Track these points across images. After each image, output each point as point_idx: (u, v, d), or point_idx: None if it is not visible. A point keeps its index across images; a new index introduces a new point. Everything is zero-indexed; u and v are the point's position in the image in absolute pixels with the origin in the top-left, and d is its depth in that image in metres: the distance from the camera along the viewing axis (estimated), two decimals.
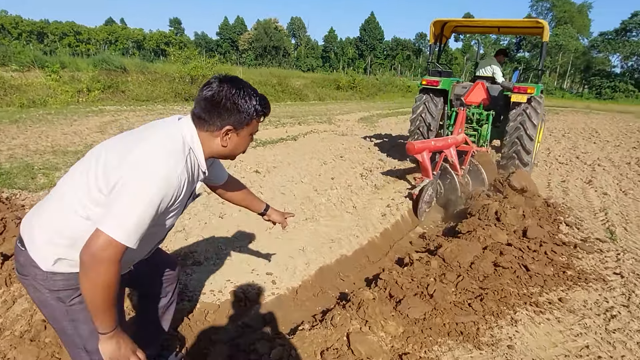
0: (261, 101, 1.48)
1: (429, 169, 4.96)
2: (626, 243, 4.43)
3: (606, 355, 2.51)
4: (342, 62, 62.21)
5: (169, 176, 1.30)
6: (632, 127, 18.59)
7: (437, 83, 6.75)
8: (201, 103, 1.42)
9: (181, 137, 1.41)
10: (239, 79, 1.47)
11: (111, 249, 1.22)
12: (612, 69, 50.44)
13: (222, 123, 1.43)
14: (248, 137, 1.53)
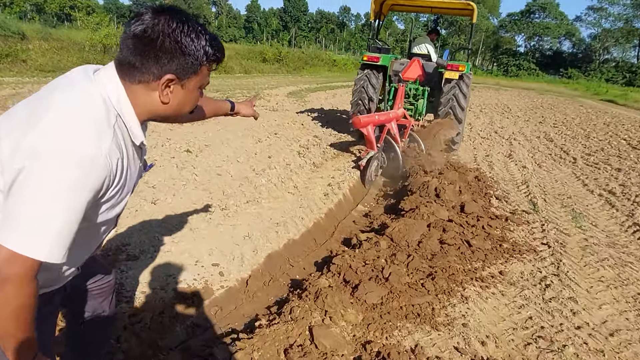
0: (212, 41, 1.08)
1: (373, 141, 5.20)
2: (547, 214, 4.79)
3: (547, 325, 2.66)
4: (266, 34, 60.50)
5: (92, 158, 0.94)
6: (535, 102, 20.36)
7: (377, 59, 6.92)
8: (128, 43, 1.01)
9: (101, 99, 1.01)
10: (180, 9, 1.07)
11: (20, 267, 0.89)
12: (518, 48, 54.60)
13: (160, 70, 1.03)
14: (196, 91, 1.13)
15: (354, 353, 2.17)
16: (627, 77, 48.76)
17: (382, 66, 7.08)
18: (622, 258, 3.78)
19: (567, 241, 4.04)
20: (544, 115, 14.79)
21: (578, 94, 32.11)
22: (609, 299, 3.07)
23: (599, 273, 3.46)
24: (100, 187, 0.99)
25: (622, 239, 4.27)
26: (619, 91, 34.40)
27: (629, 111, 20.08)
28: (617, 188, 5.95)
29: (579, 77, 49.24)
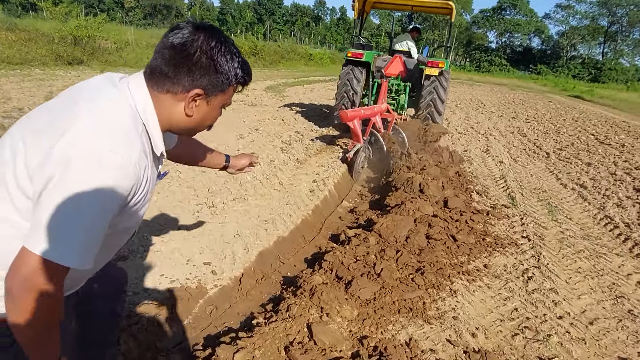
0: (243, 65, 1.12)
1: (360, 135, 5.42)
2: (525, 208, 4.96)
3: (532, 315, 2.78)
4: (240, 27, 59.65)
5: (123, 167, 0.95)
6: (508, 98, 20.91)
7: (361, 55, 7.20)
8: (165, 53, 1.04)
9: (129, 108, 1.02)
10: (218, 29, 1.10)
11: (48, 274, 0.90)
12: (489, 44, 55.75)
13: (191, 84, 1.05)
14: (219, 109, 1.18)
15: (351, 348, 2.21)
16: (592, 73, 50.61)
17: (366, 62, 7.32)
18: (596, 250, 3.96)
19: (545, 234, 4.21)
20: (516, 110, 15.21)
21: (547, 90, 33.12)
22: (587, 289, 3.22)
23: (576, 264, 3.62)
24: (127, 195, 1.00)
25: (595, 231, 4.47)
26: (585, 87, 35.70)
27: (595, 107, 20.89)
28: (588, 182, 6.21)
29: (547, 73, 50.78)
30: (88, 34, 12.91)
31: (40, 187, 0.91)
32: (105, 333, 1.64)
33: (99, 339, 1.62)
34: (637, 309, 3.00)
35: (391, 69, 7.21)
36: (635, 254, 3.95)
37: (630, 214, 4.99)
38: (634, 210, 5.12)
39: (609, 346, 2.55)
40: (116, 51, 14.61)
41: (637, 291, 3.28)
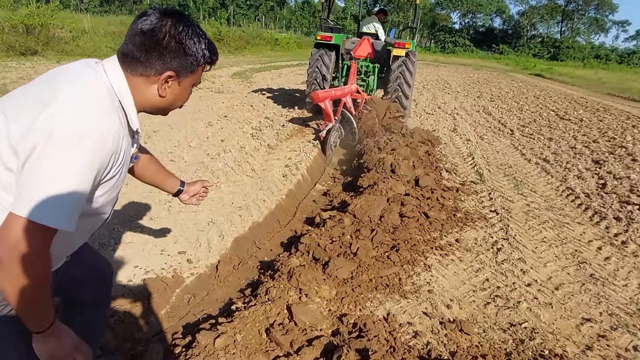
0: (210, 46, 1.21)
1: (331, 114, 5.68)
2: (492, 183, 5.12)
3: (502, 284, 2.90)
4: (203, 12, 57.96)
5: (103, 137, 1.01)
6: (472, 78, 21.32)
7: (330, 38, 7.30)
8: (136, 39, 1.10)
9: (105, 86, 1.09)
10: (184, 14, 1.18)
11: (36, 237, 0.96)
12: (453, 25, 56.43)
13: (162, 67, 1.13)
14: (190, 89, 1.26)
15: (332, 326, 2.25)
16: (551, 52, 52.17)
17: (335, 45, 7.42)
18: (559, 220, 4.15)
19: (512, 207, 4.36)
20: (481, 90, 15.55)
21: (509, 69, 33.97)
22: (552, 257, 3.38)
23: (541, 234, 3.78)
24: (107, 164, 1.06)
25: (558, 202, 4.67)
26: (545, 65, 36.80)
27: (555, 84, 21.62)
28: (551, 156, 6.46)
29: (509, 52, 52.01)
30: (41, 22, 12.22)
31: (25, 156, 0.96)
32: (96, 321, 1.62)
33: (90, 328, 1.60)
34: (598, 273, 3.17)
35: (359, 51, 7.35)
36: (595, 222, 4.16)
37: (590, 184, 5.23)
38: (592, 181, 5.37)
39: (574, 308, 2.69)
40: (72, 40, 13.93)
41: (598, 257, 3.46)
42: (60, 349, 1.10)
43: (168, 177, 1.81)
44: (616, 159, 6.39)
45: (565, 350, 2.27)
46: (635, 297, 2.89)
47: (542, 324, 2.51)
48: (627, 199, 4.67)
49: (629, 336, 2.45)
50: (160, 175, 1.78)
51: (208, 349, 1.87)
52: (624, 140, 7.71)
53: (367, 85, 7.52)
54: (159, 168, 1.77)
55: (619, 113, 11.43)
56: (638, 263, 3.38)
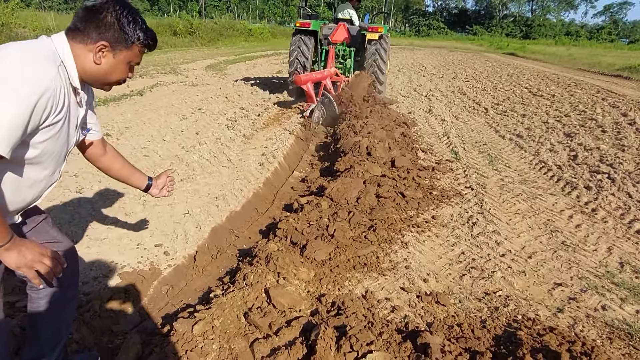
0: (147, 31, 1.38)
1: (313, 96, 6.34)
2: (467, 160, 5.20)
3: (477, 256, 2.97)
4: (173, 5, 56.72)
5: (41, 77, 1.15)
6: (447, 59, 21.47)
7: (308, 25, 7.80)
8: (79, 13, 1.31)
9: (49, 47, 1.26)
10: (130, 4, 1.36)
11: None
12: (427, 8, 56.57)
13: (98, 36, 1.30)
14: (125, 65, 1.39)
15: (310, 307, 2.28)
16: (523, 30, 52.82)
17: (313, 31, 7.95)
18: (532, 192, 4.25)
19: (487, 183, 4.45)
20: (456, 71, 15.69)
21: (483, 49, 34.29)
22: (525, 228, 3.47)
23: (515, 207, 3.87)
24: (44, 106, 1.16)
25: (531, 175, 4.77)
26: (518, 44, 37.27)
27: (528, 62, 21.93)
28: (524, 132, 6.58)
29: (482, 33, 52.45)
30: (1, 21, 11.79)
31: None
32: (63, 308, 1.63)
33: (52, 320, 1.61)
34: (569, 240, 3.27)
35: (336, 36, 7.79)
36: (566, 192, 4.27)
37: (562, 157, 5.36)
38: (564, 153, 5.50)
39: (546, 275, 2.78)
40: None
41: (569, 225, 3.57)
42: (22, 259, 1.20)
43: (135, 172, 1.90)
44: (587, 131, 6.55)
45: (538, 314, 2.35)
46: (604, 260, 2.99)
47: (516, 291, 2.58)
48: (597, 169, 4.80)
49: (597, 297, 2.54)
50: (127, 169, 1.86)
51: (186, 336, 1.88)
52: (594, 113, 7.89)
53: (345, 67, 8.05)
54: (125, 162, 1.85)
55: (589, 87, 11.68)
56: (607, 229, 3.50)
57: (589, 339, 2.13)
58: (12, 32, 12.69)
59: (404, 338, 2.00)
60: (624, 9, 70.56)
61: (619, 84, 12.93)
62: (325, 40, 8.15)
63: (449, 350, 1.91)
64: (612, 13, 71.26)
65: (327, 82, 6.66)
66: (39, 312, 1.60)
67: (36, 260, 1.21)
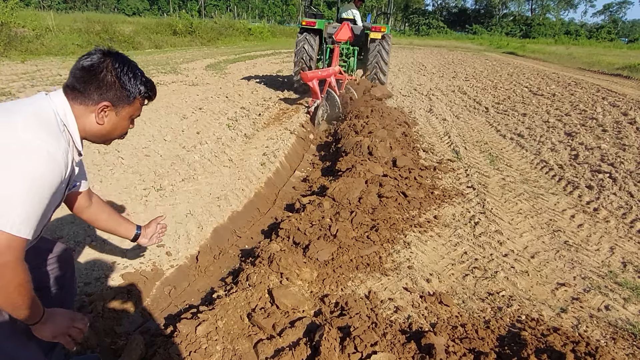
0: (147, 83, 1.38)
1: (318, 92, 6.58)
2: (469, 160, 5.20)
3: (480, 256, 2.96)
4: (173, 4, 56.67)
5: (54, 153, 1.14)
6: (447, 59, 21.47)
7: (314, 24, 8.18)
8: (76, 73, 1.28)
9: (53, 112, 1.24)
10: (124, 55, 1.35)
11: (15, 246, 1.07)
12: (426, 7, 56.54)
13: (99, 97, 1.29)
14: (127, 120, 1.41)
15: (314, 307, 2.27)
16: (523, 29, 52.80)
17: (318, 30, 8.32)
18: (534, 191, 4.24)
19: (488, 182, 4.44)
20: (456, 70, 15.68)
21: (483, 49, 34.27)
22: (528, 227, 3.46)
23: (517, 207, 3.86)
24: (60, 180, 1.17)
25: (533, 175, 4.77)
26: (517, 43, 37.26)
27: (527, 61, 21.93)
28: (525, 131, 6.57)
29: (482, 32, 52.43)
30: (1, 20, 11.76)
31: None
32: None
33: None
34: (572, 240, 3.27)
35: (341, 35, 7.99)
36: (568, 191, 4.27)
37: (563, 156, 5.35)
38: (565, 152, 5.50)
39: (549, 275, 2.77)
40: (36, 38, 13.46)
41: (572, 224, 3.56)
42: (57, 328, 1.27)
43: (122, 222, 1.89)
44: (587, 131, 6.55)
45: (542, 315, 2.34)
46: (607, 260, 2.99)
47: (519, 291, 2.58)
48: (598, 168, 4.80)
49: (601, 297, 2.54)
50: (113, 220, 1.85)
51: (190, 337, 1.87)
52: (595, 112, 7.89)
53: (348, 65, 8.32)
54: (111, 212, 1.86)
55: (590, 86, 11.68)
56: (609, 228, 3.50)
57: (593, 339, 2.12)
58: (11, 32, 12.67)
59: (408, 338, 1.99)
60: (623, 8, 70.62)
61: (618, 83, 12.94)
62: (329, 39, 8.41)
63: (453, 351, 1.91)
64: (612, 12, 71.28)
65: (332, 80, 6.92)
66: None
67: (70, 326, 1.30)
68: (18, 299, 1.11)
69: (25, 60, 11.08)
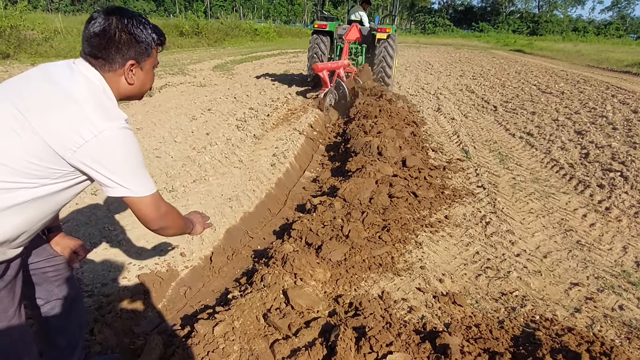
0: (155, 29, 1.38)
1: (327, 81, 7.48)
2: (478, 159, 5.19)
3: (492, 256, 2.96)
4: (179, 5, 56.94)
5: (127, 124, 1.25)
6: (454, 57, 21.37)
7: (325, 26, 9.11)
8: (92, 41, 1.26)
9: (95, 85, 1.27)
10: (126, 8, 1.34)
11: (158, 200, 1.34)
12: (432, 6, 56.30)
13: (123, 58, 1.30)
14: (152, 71, 1.43)
15: (328, 307, 2.29)
16: (530, 27, 52.40)
17: (329, 31, 9.23)
18: (545, 190, 4.23)
19: (498, 182, 4.43)
20: (463, 68, 15.61)
21: (490, 46, 34.07)
22: (539, 227, 3.46)
23: (528, 206, 3.86)
24: None
25: (543, 174, 4.75)
26: (525, 41, 37.01)
27: (535, 58, 21.78)
28: (534, 129, 6.54)
29: (489, 30, 52.11)
30: (10, 24, 11.89)
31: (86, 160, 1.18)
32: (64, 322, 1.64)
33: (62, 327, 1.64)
34: (584, 239, 3.26)
35: (350, 35, 8.64)
36: (579, 190, 4.25)
37: (573, 155, 5.33)
38: (576, 151, 5.47)
39: (562, 274, 2.77)
40: (45, 41, 13.60)
41: (583, 224, 3.55)
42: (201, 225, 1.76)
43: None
44: (597, 129, 6.51)
45: (555, 315, 2.34)
46: (620, 259, 2.98)
47: (532, 291, 2.58)
48: (609, 167, 4.77)
49: (614, 296, 2.53)
50: None
51: (207, 338, 1.90)
52: (604, 110, 7.83)
53: (357, 63, 9.12)
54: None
55: (599, 84, 11.59)
56: (621, 227, 3.48)
57: (608, 339, 2.12)
58: (20, 35, 12.81)
59: (422, 339, 2.01)
60: (632, 4, 69.87)
61: (628, 80, 12.82)
62: (339, 39, 9.24)
63: (468, 351, 1.92)
64: (620, 8, 70.53)
65: (341, 71, 7.66)
66: (49, 322, 1.61)
67: (204, 221, 1.81)
68: (183, 226, 1.53)
69: (35, 63, 11.19)
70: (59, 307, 1.62)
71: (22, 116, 1.14)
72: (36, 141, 1.14)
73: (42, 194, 1.21)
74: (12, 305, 1.32)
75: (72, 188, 1.28)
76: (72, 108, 1.17)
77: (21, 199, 1.18)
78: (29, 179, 1.17)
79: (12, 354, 1.36)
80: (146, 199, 1.29)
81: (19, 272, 1.35)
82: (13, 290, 1.32)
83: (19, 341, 1.38)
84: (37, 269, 1.54)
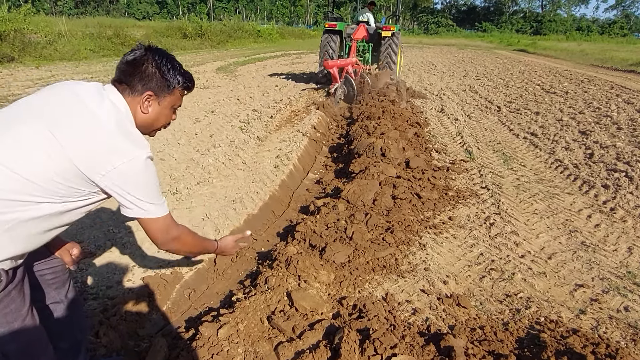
0: (185, 74, 1.49)
1: (337, 77, 8.11)
2: (482, 160, 5.18)
3: (496, 258, 2.96)
4: (182, 8, 57.14)
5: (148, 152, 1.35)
6: (457, 57, 21.34)
7: (335, 26, 10.09)
8: (122, 67, 1.41)
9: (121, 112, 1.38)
10: (165, 50, 1.47)
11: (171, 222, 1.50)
12: (435, 6, 56.25)
13: (143, 87, 1.40)
14: (170, 110, 1.51)
15: (332, 310, 2.29)
16: (534, 26, 52.26)
17: (339, 30, 10.17)
18: (549, 191, 4.22)
19: (503, 182, 4.42)
20: (466, 69, 15.59)
21: (493, 46, 34.00)
22: (544, 228, 3.44)
23: (532, 207, 3.84)
24: None
25: (547, 174, 4.74)
26: (528, 40, 36.90)
27: (539, 58, 21.72)
28: (538, 130, 6.52)
29: (492, 30, 52.00)
30: (14, 27, 11.97)
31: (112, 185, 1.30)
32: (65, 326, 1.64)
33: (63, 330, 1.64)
34: (589, 240, 3.25)
35: (358, 34, 9.67)
36: (584, 191, 4.23)
37: (578, 155, 5.31)
38: (580, 151, 5.45)
39: (567, 276, 2.76)
40: (49, 44, 13.70)
41: (588, 224, 3.54)
42: (227, 250, 1.98)
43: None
44: (602, 129, 6.48)
45: (560, 316, 2.33)
46: (625, 260, 2.97)
47: (537, 292, 2.57)
48: (614, 167, 4.75)
49: (620, 298, 2.52)
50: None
51: (212, 340, 1.90)
52: (609, 109, 7.80)
53: (364, 60, 10.12)
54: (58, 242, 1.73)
55: (603, 83, 11.54)
56: (626, 228, 3.46)
57: (613, 341, 2.11)
58: (25, 38, 12.91)
59: (426, 341, 2.00)
60: (636, 3, 69.52)
61: (632, 80, 12.76)
62: (348, 38, 10.09)
63: (472, 353, 1.92)
64: (624, 7, 70.19)
65: (349, 68, 8.39)
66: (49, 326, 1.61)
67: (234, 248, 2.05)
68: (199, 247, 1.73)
69: (40, 66, 11.28)
70: (58, 311, 1.63)
71: (55, 140, 1.22)
72: (66, 164, 1.23)
73: (63, 210, 1.30)
74: (24, 305, 1.34)
75: (91, 205, 1.39)
76: (102, 135, 1.27)
77: (44, 212, 1.25)
78: (54, 197, 1.25)
79: (28, 353, 1.37)
80: (159, 221, 1.43)
81: (25, 273, 1.37)
82: (23, 291, 1.34)
83: (34, 340, 1.39)
84: (35, 272, 1.55)
